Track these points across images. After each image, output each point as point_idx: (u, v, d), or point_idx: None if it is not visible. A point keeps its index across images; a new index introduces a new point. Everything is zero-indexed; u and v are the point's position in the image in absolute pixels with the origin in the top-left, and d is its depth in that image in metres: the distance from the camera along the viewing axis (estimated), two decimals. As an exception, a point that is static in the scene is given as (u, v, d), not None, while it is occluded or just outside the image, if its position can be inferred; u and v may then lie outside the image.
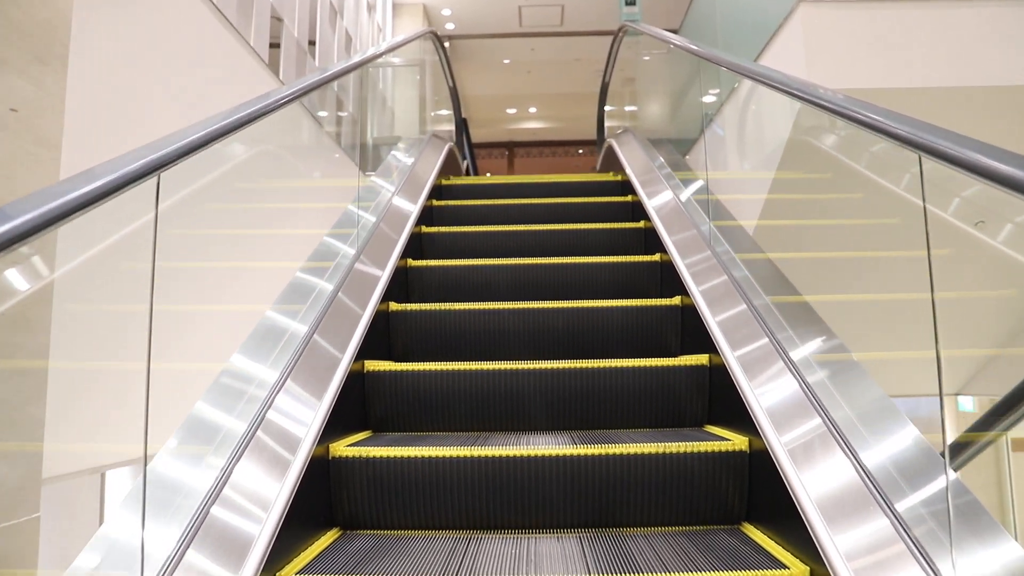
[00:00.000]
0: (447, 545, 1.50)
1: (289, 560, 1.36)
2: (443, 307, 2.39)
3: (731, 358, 1.80)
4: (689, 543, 1.47)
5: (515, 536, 1.58)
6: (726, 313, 2.00)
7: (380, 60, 4.91)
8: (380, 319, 2.28)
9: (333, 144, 4.32)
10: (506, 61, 10.68)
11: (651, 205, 3.10)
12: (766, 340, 1.76)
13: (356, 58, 2.77)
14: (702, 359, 2.02)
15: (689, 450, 1.61)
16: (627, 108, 5.73)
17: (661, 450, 1.62)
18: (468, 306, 2.38)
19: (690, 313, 2.22)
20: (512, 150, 13.89)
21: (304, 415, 1.58)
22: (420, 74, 5.57)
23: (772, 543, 1.43)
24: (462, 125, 6.42)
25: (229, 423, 1.41)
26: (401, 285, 2.70)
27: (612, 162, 4.53)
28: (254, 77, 3.89)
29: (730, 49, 4.21)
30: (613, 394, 2.01)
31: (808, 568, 1.26)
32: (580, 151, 13.80)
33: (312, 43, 5.48)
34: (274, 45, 4.66)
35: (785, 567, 1.29)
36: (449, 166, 4.64)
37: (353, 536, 1.59)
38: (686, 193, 2.98)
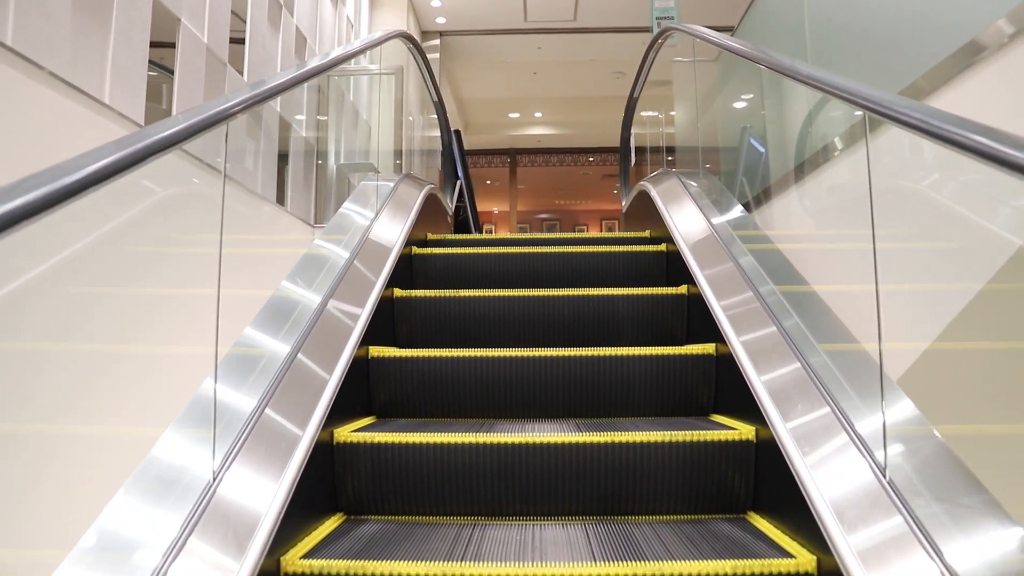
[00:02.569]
0: (452, 531, 1.49)
1: (293, 544, 1.36)
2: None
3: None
4: (694, 531, 1.46)
5: (520, 523, 1.57)
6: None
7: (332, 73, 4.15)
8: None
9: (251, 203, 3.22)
10: (508, 61, 9.22)
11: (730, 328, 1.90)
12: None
13: (272, 82, 1.61)
14: (708, 348, 2.02)
15: (696, 439, 1.61)
16: (666, 134, 4.57)
17: (668, 439, 1.61)
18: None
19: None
20: (515, 158, 12.76)
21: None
22: (394, 89, 4.49)
23: (778, 532, 1.42)
24: (450, 146, 5.37)
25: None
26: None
27: (647, 213, 3.24)
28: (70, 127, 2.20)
29: (833, 67, 2.52)
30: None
31: (815, 558, 1.25)
32: (591, 159, 12.74)
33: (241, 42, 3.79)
34: (160, 68, 2.98)
35: (791, 556, 1.28)
36: (428, 218, 3.41)
37: (357, 522, 1.58)
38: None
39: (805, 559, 1.25)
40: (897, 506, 1.17)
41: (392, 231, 2.66)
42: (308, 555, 1.32)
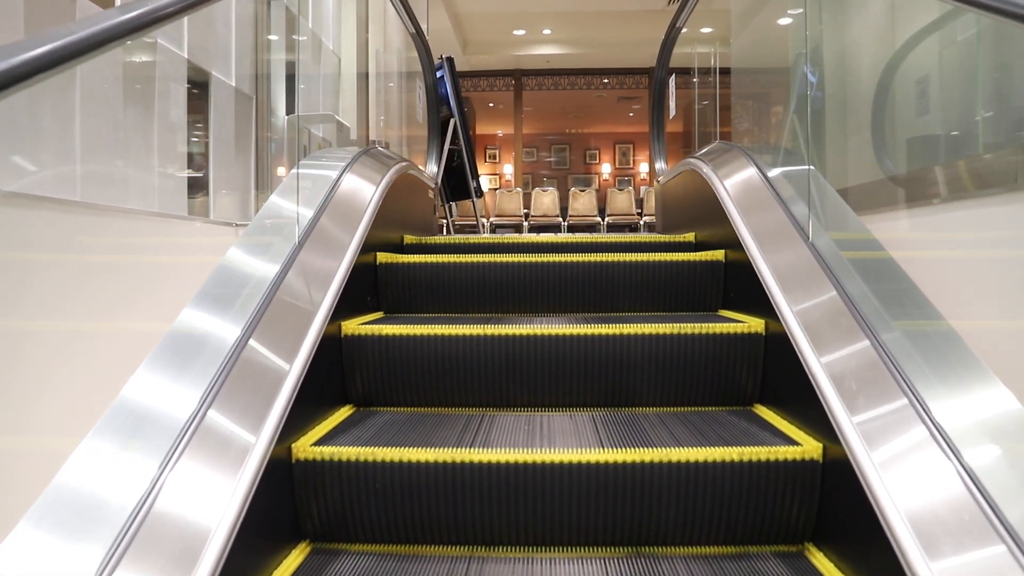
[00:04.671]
0: (460, 421, 1.51)
1: (304, 433, 1.38)
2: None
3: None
4: (701, 421, 1.48)
5: (528, 413, 1.60)
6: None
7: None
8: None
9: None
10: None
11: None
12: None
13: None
14: (718, 255, 1.99)
15: (704, 331, 1.60)
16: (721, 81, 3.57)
17: (676, 330, 1.61)
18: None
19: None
20: (520, 80, 11.69)
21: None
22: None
23: (785, 423, 1.43)
24: (435, 89, 3.97)
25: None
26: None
27: (697, 199, 2.38)
28: None
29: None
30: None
31: (821, 445, 1.26)
32: (605, 80, 11.56)
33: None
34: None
35: (797, 444, 1.28)
36: (399, 209, 2.48)
37: (367, 412, 1.61)
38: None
39: (811, 446, 1.26)
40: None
41: (339, 239, 1.79)
42: (319, 443, 1.34)
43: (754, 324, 1.62)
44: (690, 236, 2.39)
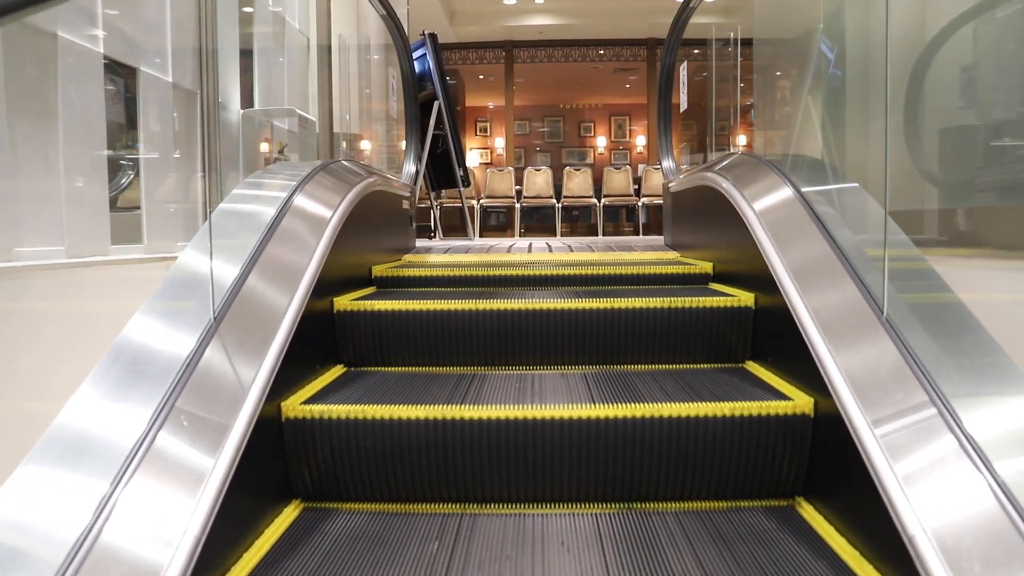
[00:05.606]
0: (451, 380, 1.50)
1: (293, 392, 1.37)
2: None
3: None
4: (693, 378, 1.48)
5: (519, 372, 1.59)
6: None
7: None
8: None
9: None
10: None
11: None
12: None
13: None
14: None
15: (696, 304, 1.60)
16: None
17: (667, 304, 1.60)
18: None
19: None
20: (511, 52, 11.25)
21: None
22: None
23: (776, 378, 1.43)
24: (411, 76, 3.53)
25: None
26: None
27: (711, 211, 2.07)
28: None
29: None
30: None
31: (812, 399, 1.26)
32: (601, 52, 11.93)
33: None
34: None
35: (788, 398, 1.28)
36: (362, 232, 2.04)
37: (358, 373, 1.60)
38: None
39: (802, 400, 1.26)
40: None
41: (272, 304, 1.35)
42: (308, 401, 1.33)
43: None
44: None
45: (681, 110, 3.41)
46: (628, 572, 0.99)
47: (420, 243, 3.70)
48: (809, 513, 1.19)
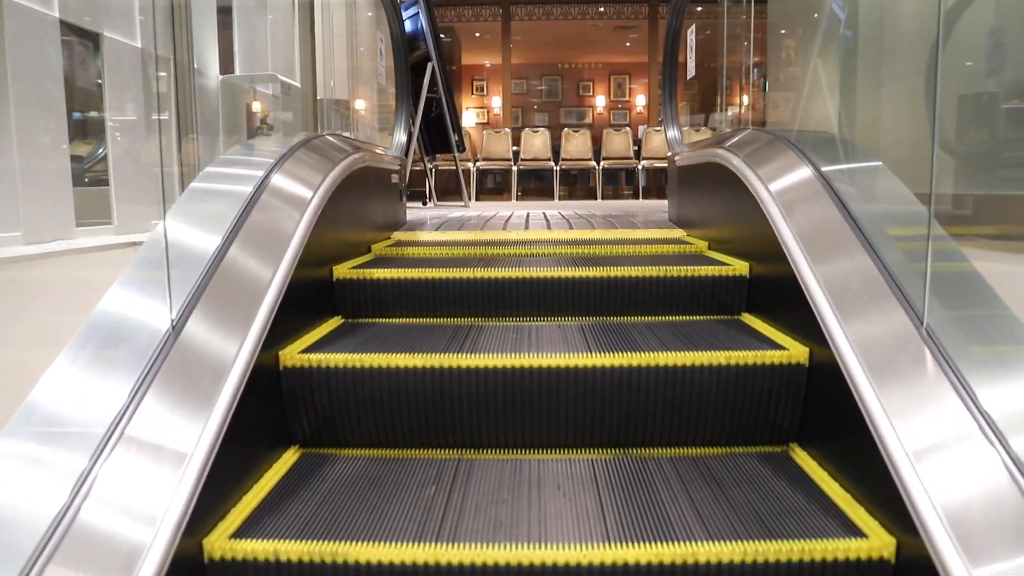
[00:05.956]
0: (448, 330, 1.50)
1: (291, 341, 1.37)
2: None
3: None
4: (688, 328, 1.48)
5: (516, 323, 1.59)
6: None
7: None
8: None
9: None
10: None
11: None
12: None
13: None
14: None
15: (692, 274, 1.60)
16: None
17: (663, 273, 1.60)
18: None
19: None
20: (508, 9, 11.00)
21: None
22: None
23: (772, 329, 1.43)
24: (401, 37, 3.27)
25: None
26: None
27: (727, 207, 1.90)
28: None
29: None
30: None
31: (808, 349, 1.26)
32: (601, 8, 11.76)
33: None
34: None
35: (783, 348, 1.29)
36: (346, 217, 1.87)
37: (355, 324, 1.60)
38: None
39: (797, 350, 1.26)
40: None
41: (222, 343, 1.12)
42: (307, 350, 1.33)
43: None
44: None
45: (688, 76, 3.26)
46: (623, 514, 1.01)
47: (413, 213, 3.62)
48: (803, 459, 1.20)
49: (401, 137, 3.15)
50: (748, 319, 1.58)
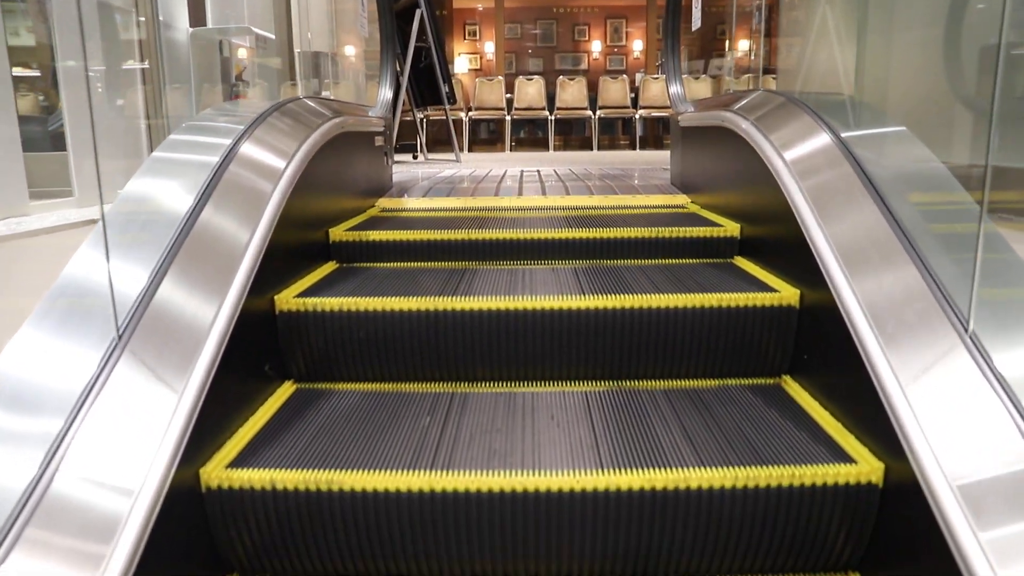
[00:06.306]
0: (443, 274, 1.50)
1: (287, 286, 1.36)
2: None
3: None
4: (681, 271, 1.47)
5: (511, 267, 1.59)
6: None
7: None
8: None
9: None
10: None
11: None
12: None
13: None
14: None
15: (682, 235, 1.59)
16: None
17: (655, 234, 1.59)
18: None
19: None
20: None
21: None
22: None
23: (765, 272, 1.43)
24: None
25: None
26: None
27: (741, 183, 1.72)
28: None
29: None
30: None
31: (799, 291, 1.26)
32: None
33: None
34: None
35: (774, 290, 1.28)
36: (328, 180, 1.75)
37: (349, 268, 1.59)
38: None
39: (789, 292, 1.27)
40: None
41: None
42: (302, 294, 1.32)
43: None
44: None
45: (693, 28, 3.10)
46: (617, 442, 1.02)
47: (402, 171, 3.52)
48: (795, 390, 1.21)
49: (386, 94, 2.91)
50: (741, 262, 1.58)
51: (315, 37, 4.37)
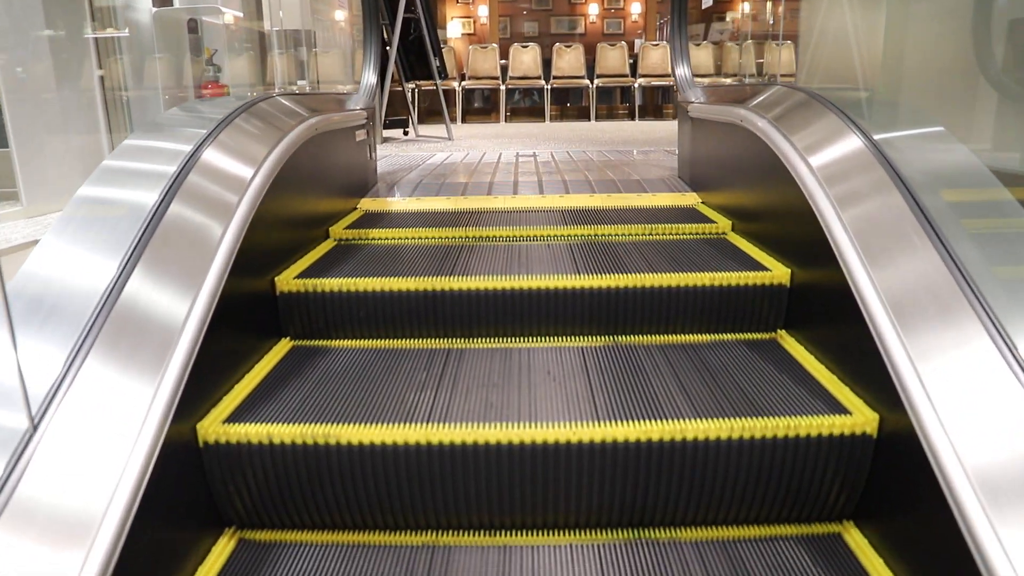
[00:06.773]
0: (440, 251, 1.49)
1: (286, 267, 1.35)
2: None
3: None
4: (675, 248, 1.47)
5: (507, 244, 1.57)
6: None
7: None
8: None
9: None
10: None
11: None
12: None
13: None
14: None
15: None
16: None
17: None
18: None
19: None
20: None
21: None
22: None
23: (756, 249, 1.42)
24: None
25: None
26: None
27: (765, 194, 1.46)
28: None
29: None
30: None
31: (790, 271, 1.25)
32: None
33: None
34: None
35: (766, 269, 1.28)
36: (304, 190, 1.53)
37: (346, 246, 1.58)
38: None
39: (780, 271, 1.27)
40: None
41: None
42: (301, 275, 1.31)
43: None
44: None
45: (703, 6, 2.89)
46: (613, 396, 1.02)
47: (391, 151, 3.34)
48: (790, 344, 1.21)
49: (370, 78, 2.57)
50: (734, 238, 1.57)
51: (285, 16, 4.09)
